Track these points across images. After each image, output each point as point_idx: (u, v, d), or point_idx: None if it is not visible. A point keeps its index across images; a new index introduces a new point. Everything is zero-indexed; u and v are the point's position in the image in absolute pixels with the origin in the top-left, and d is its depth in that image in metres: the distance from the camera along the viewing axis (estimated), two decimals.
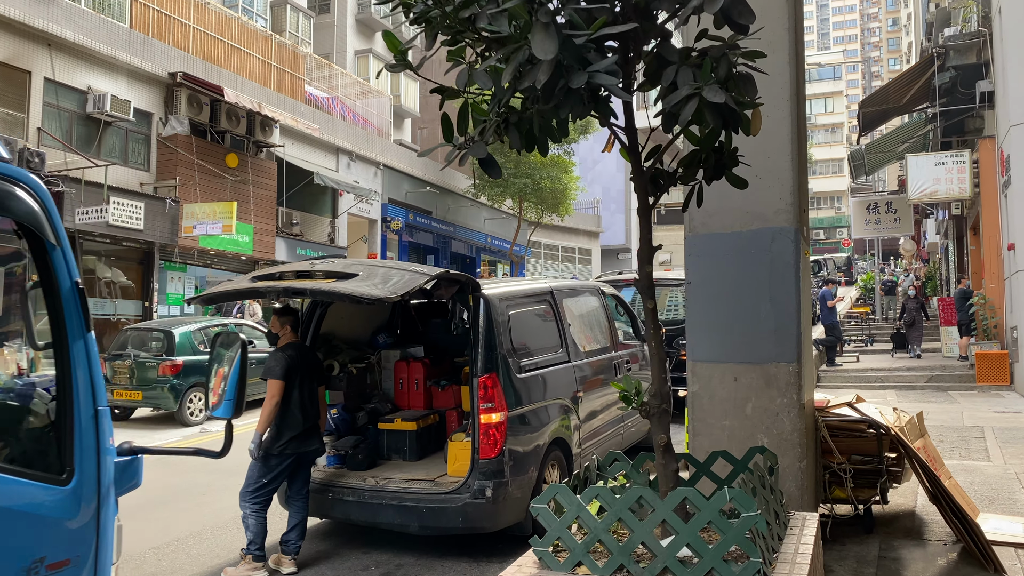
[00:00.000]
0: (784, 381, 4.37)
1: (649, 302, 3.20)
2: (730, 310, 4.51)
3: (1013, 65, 13.45)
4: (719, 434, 4.50)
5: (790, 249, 4.41)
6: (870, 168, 23.53)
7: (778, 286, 4.42)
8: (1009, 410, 11.19)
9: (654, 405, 3.17)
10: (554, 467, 6.21)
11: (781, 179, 4.46)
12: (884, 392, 14.00)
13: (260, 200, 20.98)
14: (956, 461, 7.35)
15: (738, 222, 4.54)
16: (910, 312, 16.46)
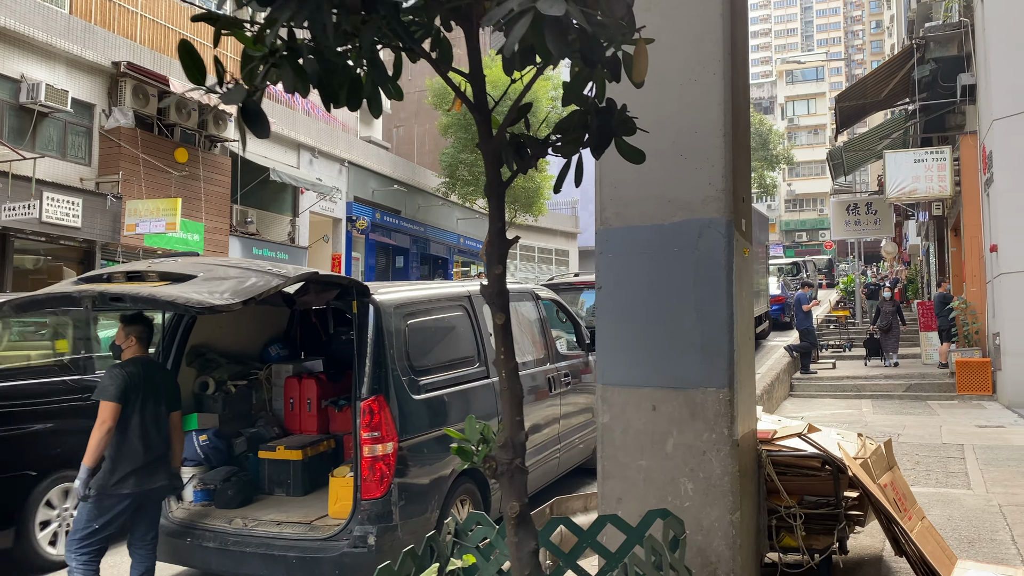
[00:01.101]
0: (712, 411, 3.49)
1: (499, 315, 2.30)
2: (648, 322, 3.63)
3: (996, 56, 12.69)
4: (634, 477, 3.61)
5: (721, 246, 3.53)
6: (849, 167, 22.77)
7: (706, 292, 3.54)
8: (991, 424, 10.39)
9: (503, 460, 2.28)
10: (465, 503, 5.31)
11: (711, 159, 3.58)
12: (860, 401, 13.20)
13: (212, 197, 19.96)
14: (932, 489, 6.51)
15: (659, 213, 3.66)
16: (886, 316, 15.64)
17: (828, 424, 10.74)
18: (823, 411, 12.13)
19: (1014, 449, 8.26)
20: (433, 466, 4.90)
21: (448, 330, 5.50)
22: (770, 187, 46.51)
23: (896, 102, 18.46)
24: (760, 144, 41.70)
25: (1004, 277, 12.32)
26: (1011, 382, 12.20)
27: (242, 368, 5.74)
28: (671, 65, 3.65)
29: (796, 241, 69.13)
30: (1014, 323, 12.12)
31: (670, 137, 3.65)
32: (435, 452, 4.93)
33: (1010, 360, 12.21)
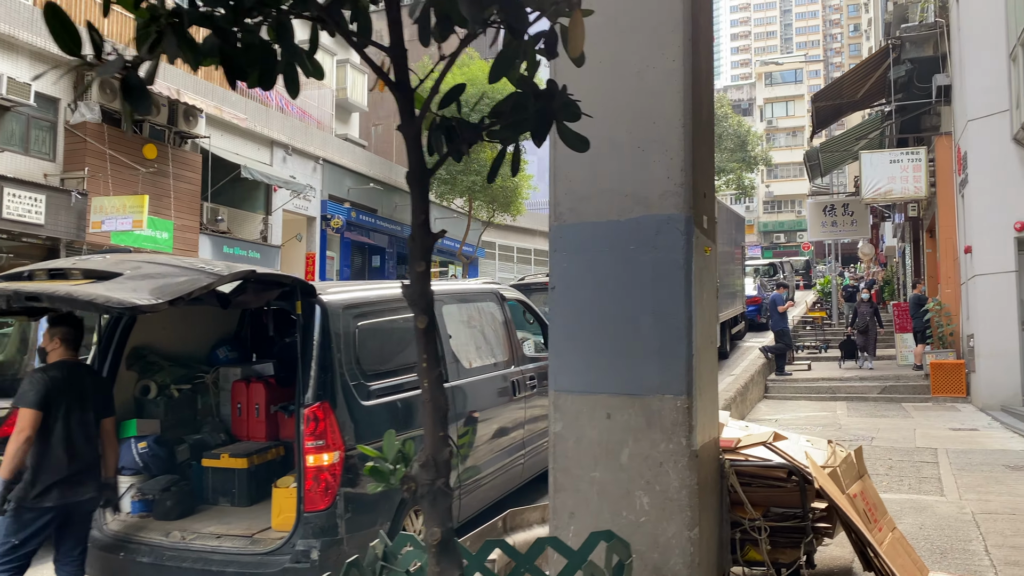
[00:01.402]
0: (670, 420, 3.27)
1: (421, 318, 2.07)
2: (603, 324, 3.41)
3: (970, 57, 12.62)
4: (587, 490, 3.39)
5: (679, 244, 3.31)
6: (825, 168, 22.75)
7: (664, 293, 3.32)
8: (965, 426, 10.29)
9: (424, 481, 2.04)
10: (420, 514, 5.06)
11: (669, 152, 3.36)
12: (835, 403, 13.09)
13: (182, 194, 19.55)
14: (905, 495, 6.34)
15: (615, 208, 3.44)
16: (863, 317, 15.55)
17: (802, 427, 10.61)
18: (797, 413, 12.00)
19: (987, 453, 8.13)
20: None
21: (403, 332, 5.25)
22: (748, 188, 46.60)
23: (873, 103, 18.42)
24: (738, 145, 41.77)
25: (978, 279, 12.25)
26: (985, 384, 12.13)
27: (187, 371, 5.46)
28: (628, 50, 3.43)
29: (774, 243, 69.40)
30: (988, 325, 12.05)
31: (626, 127, 3.43)
32: None
33: (984, 362, 12.14)
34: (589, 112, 3.54)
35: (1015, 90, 11.58)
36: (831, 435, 9.69)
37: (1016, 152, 11.73)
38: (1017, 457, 7.92)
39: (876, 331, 15.99)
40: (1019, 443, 8.87)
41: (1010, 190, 11.77)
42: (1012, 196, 11.76)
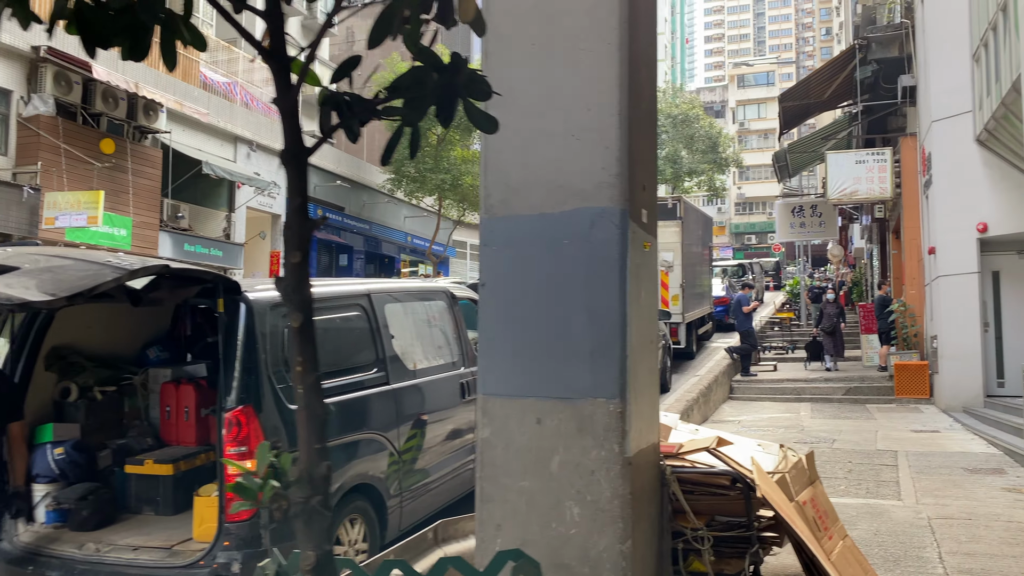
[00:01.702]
0: (602, 426, 3.07)
1: (296, 316, 1.84)
2: (534, 324, 3.20)
3: (935, 58, 12.61)
4: (515, 500, 3.18)
5: (614, 238, 3.11)
6: (794, 169, 22.78)
7: (598, 290, 3.12)
8: (927, 428, 10.24)
9: (297, 499, 1.82)
10: (356, 523, 4.83)
11: (605, 140, 3.16)
12: (799, 405, 13.02)
13: (141, 190, 19.09)
14: (862, 500, 6.21)
15: (548, 200, 3.23)
16: (829, 318, 15.50)
17: (764, 428, 10.50)
18: (760, 415, 11.90)
19: (947, 456, 8.05)
20: None
21: (341, 332, 5.01)
22: (720, 190, 46.71)
23: (840, 103, 18.44)
24: (709, 147, 41.84)
25: (941, 280, 12.24)
26: (948, 386, 12.11)
27: (113, 372, 5.18)
28: (562, 32, 3.23)
29: (746, 244, 69.82)
30: (951, 326, 12.04)
31: (560, 115, 3.23)
32: None
33: (947, 363, 12.13)
34: (522, 97, 3.35)
35: (978, 91, 11.57)
36: (793, 437, 9.59)
37: (979, 153, 11.72)
38: (976, 460, 7.85)
39: (842, 333, 15.92)
40: (979, 445, 8.81)
41: (973, 191, 11.76)
42: (975, 197, 11.75)
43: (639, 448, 3.23)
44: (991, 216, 11.60)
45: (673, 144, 41.24)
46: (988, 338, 11.96)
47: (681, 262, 14.49)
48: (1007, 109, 9.87)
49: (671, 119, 40.88)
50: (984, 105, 11.15)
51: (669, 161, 41.28)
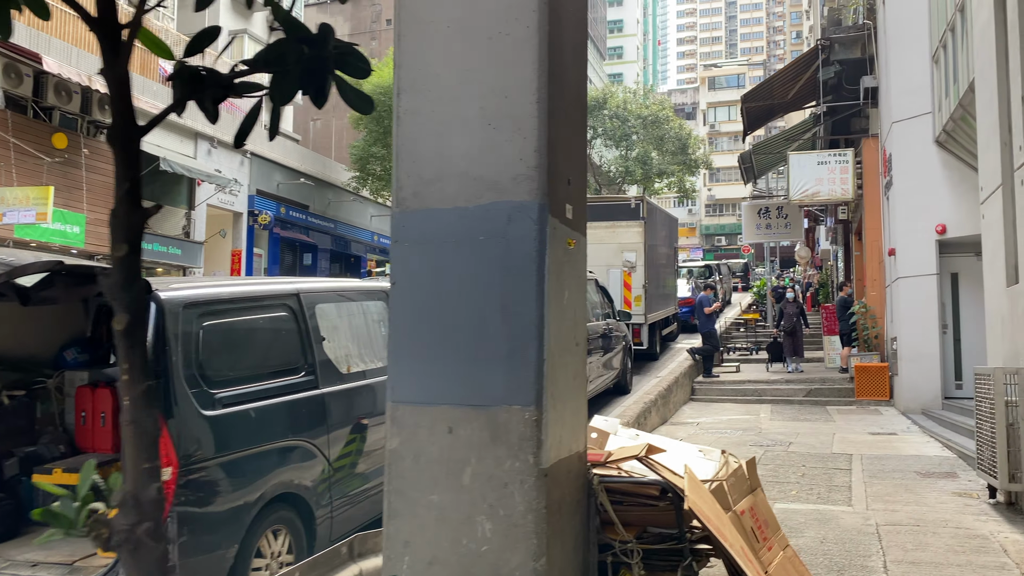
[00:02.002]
0: (517, 435, 2.87)
1: (120, 317, 1.61)
2: (447, 326, 2.99)
3: (895, 59, 12.60)
4: (425, 515, 2.96)
5: (531, 234, 2.91)
6: (759, 170, 22.80)
7: (514, 290, 2.92)
8: (884, 431, 10.19)
9: (121, 527, 1.59)
10: (281, 535, 4.58)
11: (523, 130, 2.96)
12: (760, 406, 12.94)
13: (96, 187, 18.59)
14: (812, 506, 6.08)
15: (463, 193, 3.02)
16: (790, 318, 15.44)
17: (723, 430, 10.40)
18: (720, 416, 11.80)
19: (901, 459, 7.97)
20: (233, 493, 4.17)
21: (265, 333, 4.77)
22: (690, 191, 46.88)
23: (804, 104, 18.46)
24: (679, 148, 41.96)
25: (901, 281, 12.22)
26: (907, 388, 12.10)
27: (23, 375, 4.89)
28: (479, 12, 3.02)
29: (716, 245, 70.21)
30: (910, 328, 12.02)
31: (476, 102, 3.02)
32: (236, 476, 4.20)
33: (906, 365, 12.11)
34: (437, 82, 3.14)
35: (937, 93, 11.56)
36: (750, 440, 9.48)
37: (938, 154, 11.71)
38: (930, 463, 7.77)
39: (803, 333, 15.84)
40: (934, 448, 8.75)
41: (932, 193, 11.75)
42: (934, 199, 11.74)
43: (558, 458, 3.03)
44: (950, 218, 11.60)
45: (643, 145, 41.30)
46: (947, 340, 11.96)
47: (644, 262, 14.36)
48: (964, 110, 9.84)
49: (641, 120, 40.93)
50: (943, 106, 11.14)
51: (639, 162, 41.33)
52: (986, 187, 6.68)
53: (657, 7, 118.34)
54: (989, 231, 6.65)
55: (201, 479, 3.97)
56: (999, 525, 5.48)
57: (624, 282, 14.51)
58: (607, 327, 11.20)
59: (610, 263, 14.50)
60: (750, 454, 8.34)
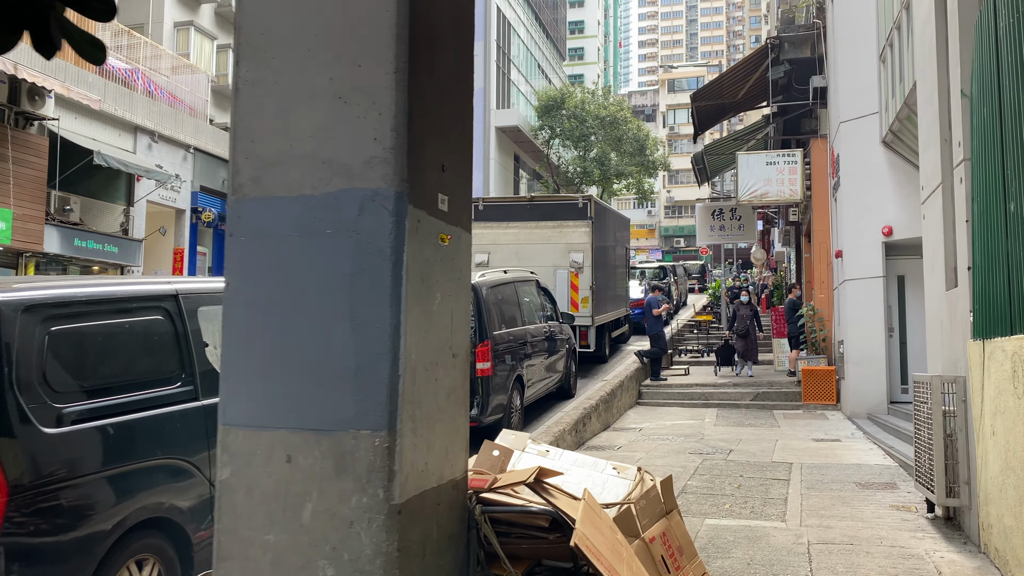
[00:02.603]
0: (365, 465, 2.43)
1: None
2: (287, 336, 2.55)
3: (843, 58, 12.42)
4: (259, 558, 2.51)
5: (386, 227, 2.48)
6: (712, 171, 22.65)
7: (366, 294, 2.49)
8: (828, 436, 9.94)
9: None
10: (148, 565, 4.08)
11: (378, 105, 2.53)
12: (706, 411, 12.66)
13: (24, 181, 17.72)
14: (744, 522, 5.74)
15: (309, 179, 2.58)
16: (743, 320, 15.20)
17: (664, 436, 10.07)
18: (664, 421, 11.49)
19: (842, 468, 7.69)
20: (83, 520, 3.66)
21: (132, 339, 4.26)
22: (648, 192, 46.88)
23: (755, 104, 18.30)
24: (637, 149, 41.91)
25: (848, 284, 12.03)
26: (853, 392, 11.91)
27: None
28: None
29: (675, 247, 70.51)
30: (857, 331, 11.83)
31: (326, 71, 2.58)
32: (86, 501, 3.69)
33: (853, 369, 11.92)
34: (282, 46, 2.68)
35: (884, 92, 11.38)
36: (691, 447, 9.15)
37: (885, 155, 11.54)
38: (870, 472, 7.50)
39: (756, 336, 15.56)
40: (876, 456, 8.50)
41: (879, 194, 11.57)
42: (881, 200, 11.57)
43: (421, 489, 2.59)
44: (896, 219, 11.43)
45: (601, 146, 41.18)
46: (893, 344, 11.80)
47: (592, 263, 13.99)
48: (910, 110, 9.63)
49: (599, 120, 40.83)
50: (889, 106, 10.96)
51: (597, 163, 41.20)
52: (926, 186, 6.41)
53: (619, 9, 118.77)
54: (929, 232, 6.38)
55: (40, 506, 3.47)
56: (935, 543, 5.19)
57: (571, 283, 14.14)
58: (548, 330, 10.81)
59: (557, 264, 14.13)
60: (689, 463, 8.04)
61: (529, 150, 45.54)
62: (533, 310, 10.65)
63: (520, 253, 14.38)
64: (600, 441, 9.90)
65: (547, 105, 40.23)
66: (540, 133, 41.70)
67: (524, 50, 48.88)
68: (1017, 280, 4.22)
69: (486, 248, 14.79)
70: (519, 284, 10.31)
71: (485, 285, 8.82)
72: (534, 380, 10.06)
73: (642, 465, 7.97)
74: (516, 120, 42.07)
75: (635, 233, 78.35)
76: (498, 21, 43.42)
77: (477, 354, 8.35)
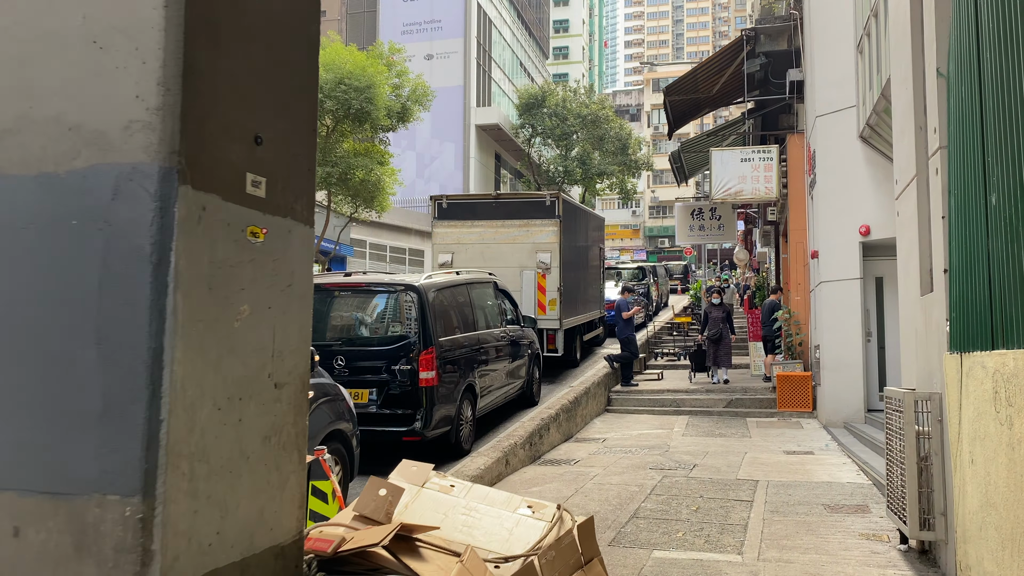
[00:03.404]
0: (112, 542, 1.78)
1: None
2: (13, 364, 1.88)
3: (820, 49, 11.83)
4: None
5: (147, 217, 1.83)
6: (690, 170, 22.06)
7: (117, 309, 1.83)
8: (801, 448, 9.34)
9: None
10: None
11: (143, 51, 1.87)
12: (676, 419, 12.05)
13: None
14: (696, 554, 5.10)
15: (54, 151, 1.92)
16: (715, 323, 14.45)
17: (629, 448, 9.45)
18: (631, 431, 10.87)
19: (811, 488, 7.08)
20: None
21: None
22: (631, 192, 46.33)
23: (732, 100, 17.72)
24: (620, 148, 41.37)
25: (824, 285, 11.44)
26: (829, 399, 11.32)
27: None
28: None
29: (659, 247, 70.06)
30: (833, 335, 11.25)
31: (79, 8, 1.92)
32: None
33: (829, 375, 11.34)
34: None
35: (862, 84, 10.81)
36: (654, 460, 8.53)
37: (862, 151, 10.96)
38: (841, 492, 6.90)
39: (730, 340, 14.87)
40: (849, 472, 7.91)
41: (856, 191, 10.99)
42: (858, 198, 10.98)
43: (207, 570, 1.94)
44: (874, 218, 10.85)
45: (583, 145, 40.64)
46: (870, 348, 11.22)
47: (559, 263, 13.33)
48: (887, 102, 9.04)
49: (580, 119, 40.28)
50: (867, 99, 10.38)
51: (579, 162, 40.66)
52: (901, 179, 5.79)
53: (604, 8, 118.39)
54: (904, 230, 5.77)
55: None
56: None
57: (538, 284, 13.49)
58: (507, 334, 10.16)
59: (523, 264, 13.48)
60: (648, 480, 7.40)
61: (511, 149, 44.94)
62: (490, 313, 10.00)
63: (485, 253, 13.73)
64: (558, 454, 9.26)
65: (528, 103, 39.61)
66: (521, 132, 41.08)
67: (506, 47, 48.31)
68: (999, 285, 3.62)
69: (450, 248, 14.15)
70: (473, 286, 9.64)
71: (431, 287, 8.16)
72: (491, 388, 9.41)
73: (598, 483, 7.34)
74: (497, 118, 41.44)
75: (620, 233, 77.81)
76: (478, 17, 42.78)
77: (420, 363, 7.69)
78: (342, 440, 6.33)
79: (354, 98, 23.32)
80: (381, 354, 7.85)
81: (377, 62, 24.40)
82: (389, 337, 7.95)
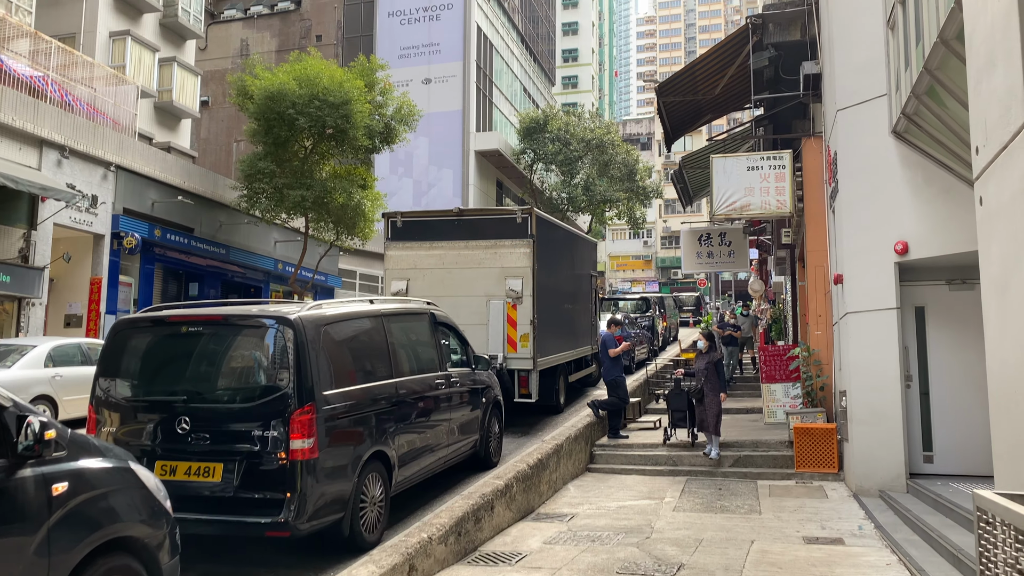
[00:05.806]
0: None
1: None
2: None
3: (841, 32, 9.72)
4: None
5: None
6: (694, 189, 19.87)
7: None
8: (826, 534, 7.06)
9: None
10: None
11: None
12: (670, 482, 9.76)
13: None
14: None
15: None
16: (698, 376, 10.97)
17: (600, 530, 7.22)
18: (610, 502, 8.60)
19: None
20: None
21: None
22: (639, 220, 44.21)
23: (737, 104, 15.60)
24: (626, 175, 39.42)
25: (851, 317, 9.19)
26: (859, 459, 9.02)
27: None
28: None
29: (672, 278, 67.69)
30: (862, 379, 8.98)
31: None
32: None
33: (858, 428, 9.04)
34: None
35: (894, 66, 8.66)
36: (628, 555, 6.28)
37: (896, 149, 8.76)
38: None
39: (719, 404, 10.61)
40: (897, 573, 5.62)
41: (889, 200, 8.78)
42: (892, 208, 8.77)
43: None
44: (913, 233, 8.62)
45: (588, 170, 38.77)
46: (911, 396, 8.93)
47: (533, 291, 11.12)
48: (933, 78, 6.88)
49: (584, 144, 38.45)
50: (902, 83, 8.22)
51: (583, 188, 38.76)
52: (987, 143, 3.63)
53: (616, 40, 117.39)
54: (993, 227, 3.60)
55: None
56: None
57: (508, 317, 11.28)
58: (444, 381, 7.96)
59: (490, 293, 11.29)
60: None
61: (513, 176, 43.05)
62: (421, 354, 7.81)
63: (446, 280, 11.59)
64: (502, 544, 7.00)
65: (529, 127, 37.81)
66: (523, 157, 39.23)
67: (508, 72, 46.72)
68: None
69: (405, 274, 12.04)
70: (393, 318, 7.46)
71: (314, 321, 5.99)
72: (420, 452, 7.22)
73: None
74: (497, 143, 39.61)
75: (631, 264, 75.51)
76: (479, 41, 41.20)
77: (293, 426, 5.52)
78: (136, 553, 4.14)
79: (329, 115, 21.41)
80: (241, 414, 5.68)
81: (354, 77, 22.49)
82: (252, 390, 5.79)
